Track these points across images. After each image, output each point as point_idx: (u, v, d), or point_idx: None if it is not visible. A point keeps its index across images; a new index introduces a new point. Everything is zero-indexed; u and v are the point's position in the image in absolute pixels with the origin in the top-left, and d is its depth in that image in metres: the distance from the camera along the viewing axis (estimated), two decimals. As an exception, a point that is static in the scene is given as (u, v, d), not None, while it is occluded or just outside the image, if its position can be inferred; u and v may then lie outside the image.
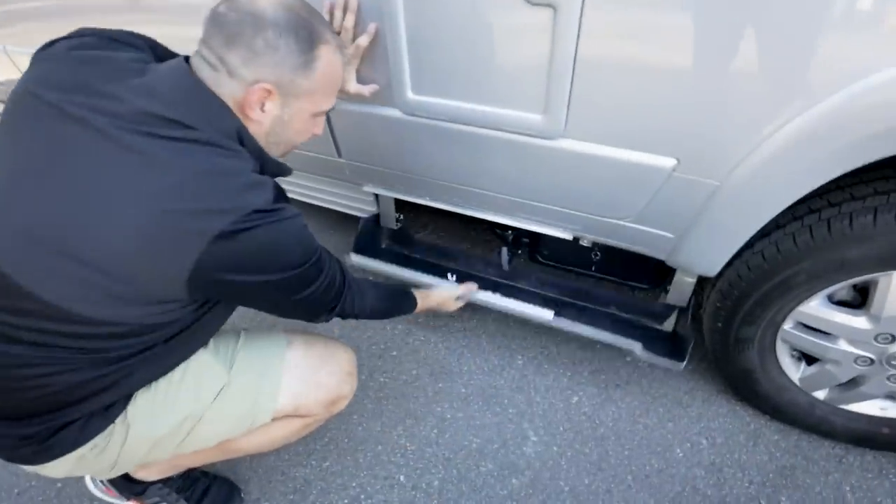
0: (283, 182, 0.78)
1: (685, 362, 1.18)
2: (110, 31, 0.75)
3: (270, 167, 0.75)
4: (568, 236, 1.19)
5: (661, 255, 1.11)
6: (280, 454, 1.23)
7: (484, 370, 1.40)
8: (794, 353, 1.15)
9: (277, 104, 0.70)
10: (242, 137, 0.69)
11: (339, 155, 1.33)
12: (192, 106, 0.65)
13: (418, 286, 1.23)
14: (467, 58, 0.91)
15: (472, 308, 1.56)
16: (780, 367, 1.14)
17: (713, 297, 1.10)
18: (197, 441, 0.83)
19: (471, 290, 1.26)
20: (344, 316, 0.90)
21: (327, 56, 0.70)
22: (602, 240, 1.16)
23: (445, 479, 1.18)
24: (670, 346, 1.25)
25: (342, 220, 1.57)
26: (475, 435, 1.25)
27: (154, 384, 0.79)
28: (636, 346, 1.22)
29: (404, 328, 1.53)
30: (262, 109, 0.69)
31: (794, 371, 1.15)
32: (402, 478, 1.18)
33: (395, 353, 1.46)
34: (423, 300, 1.12)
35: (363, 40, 0.92)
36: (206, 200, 0.62)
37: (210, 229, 0.60)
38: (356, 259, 1.50)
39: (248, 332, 0.92)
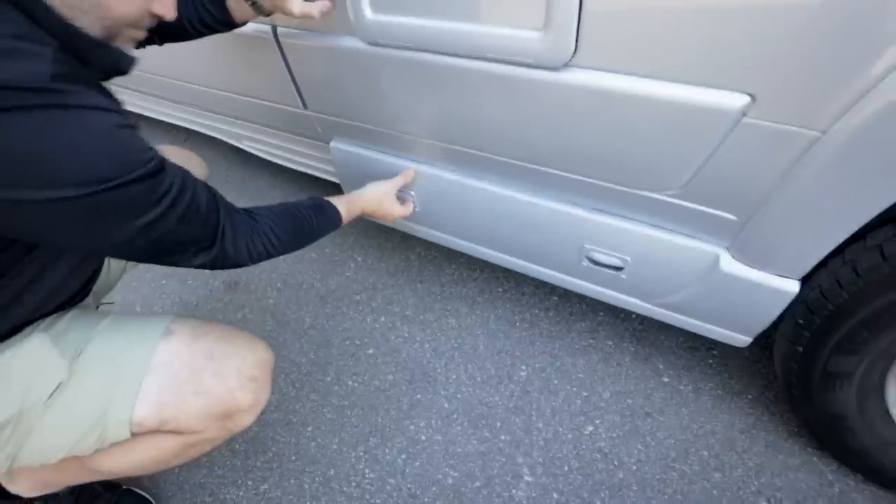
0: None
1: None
2: None
3: (83, 47, 0.50)
4: (585, 215, 0.88)
5: (716, 247, 0.78)
6: (212, 468, 1.02)
7: (476, 381, 1.12)
8: (916, 398, 0.79)
9: None
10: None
11: (305, 106, 1.08)
12: None
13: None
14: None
15: (470, 301, 1.29)
16: (888, 416, 0.79)
17: (794, 310, 0.76)
18: (35, 452, 0.62)
19: (407, 180, 0.99)
20: (236, 261, 0.66)
21: None
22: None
23: (409, 520, 0.92)
24: None
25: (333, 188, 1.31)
26: (453, 466, 0.98)
27: None
28: (723, 250, 0.76)
29: (387, 321, 1.27)
30: None
31: (913, 424, 0.79)
32: (355, 513, 0.94)
33: (371, 351, 1.21)
34: (348, 206, 0.89)
35: None
36: None
37: None
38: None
39: (118, 316, 0.69)
